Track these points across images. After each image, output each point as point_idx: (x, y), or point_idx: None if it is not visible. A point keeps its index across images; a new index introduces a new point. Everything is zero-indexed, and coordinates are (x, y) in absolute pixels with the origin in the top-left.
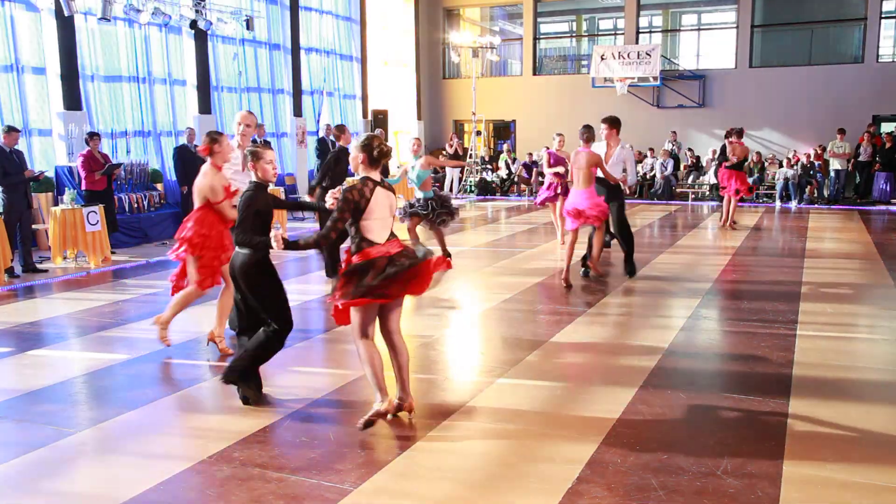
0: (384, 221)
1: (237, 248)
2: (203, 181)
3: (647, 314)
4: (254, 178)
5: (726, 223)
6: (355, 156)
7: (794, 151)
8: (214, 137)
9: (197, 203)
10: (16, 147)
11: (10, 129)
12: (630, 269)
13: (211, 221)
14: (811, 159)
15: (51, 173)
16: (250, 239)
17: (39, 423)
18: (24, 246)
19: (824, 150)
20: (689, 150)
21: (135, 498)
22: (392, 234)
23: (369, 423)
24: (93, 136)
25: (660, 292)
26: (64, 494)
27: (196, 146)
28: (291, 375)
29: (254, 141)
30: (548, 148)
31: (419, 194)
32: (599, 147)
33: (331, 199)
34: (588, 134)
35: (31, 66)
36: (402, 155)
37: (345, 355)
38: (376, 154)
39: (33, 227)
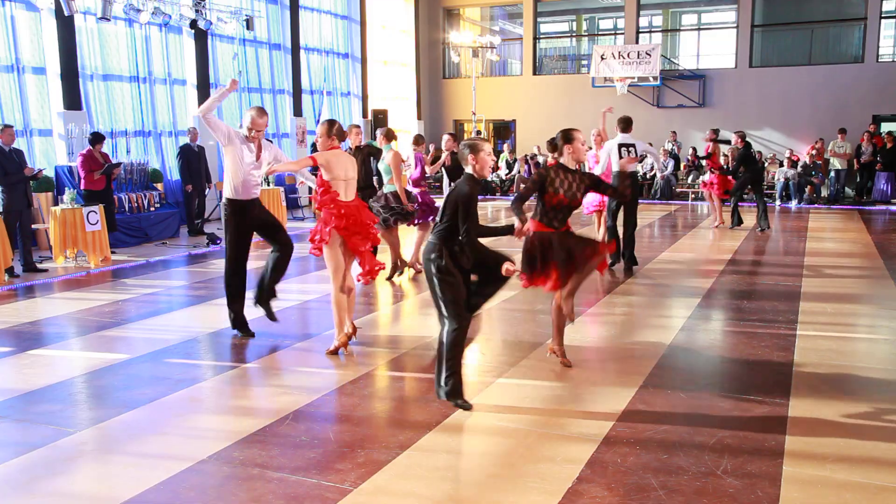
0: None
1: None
2: None
3: (647, 314)
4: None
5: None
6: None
7: (791, 151)
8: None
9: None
10: (15, 147)
11: (5, 127)
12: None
13: None
14: (812, 158)
15: (51, 173)
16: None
17: (39, 422)
18: (24, 245)
19: (824, 144)
20: (693, 148)
21: (135, 498)
22: None
23: None
24: (98, 138)
25: (660, 292)
26: (64, 494)
27: (199, 146)
28: (291, 375)
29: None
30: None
31: (387, 189)
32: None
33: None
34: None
35: (31, 66)
36: (403, 153)
37: (345, 355)
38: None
39: (34, 226)
